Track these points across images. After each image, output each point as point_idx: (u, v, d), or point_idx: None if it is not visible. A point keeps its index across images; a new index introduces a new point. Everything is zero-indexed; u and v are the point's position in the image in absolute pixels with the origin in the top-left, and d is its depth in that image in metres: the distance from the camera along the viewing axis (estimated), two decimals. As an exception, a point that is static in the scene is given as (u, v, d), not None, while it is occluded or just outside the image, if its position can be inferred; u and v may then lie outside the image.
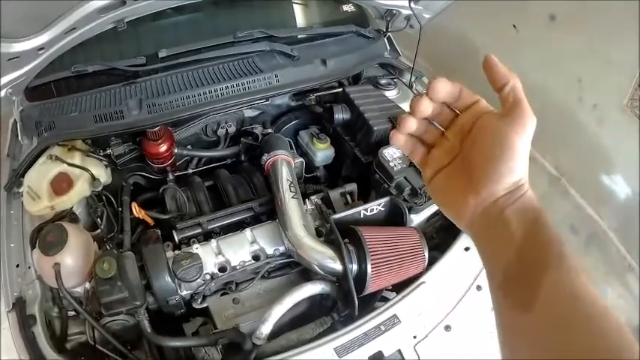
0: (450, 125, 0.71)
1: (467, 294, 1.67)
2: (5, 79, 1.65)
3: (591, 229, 2.78)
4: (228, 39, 1.95)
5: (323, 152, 1.98)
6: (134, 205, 1.67)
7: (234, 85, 1.82)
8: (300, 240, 1.61)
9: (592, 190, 2.68)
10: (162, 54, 1.86)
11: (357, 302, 1.54)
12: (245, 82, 1.83)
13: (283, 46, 1.98)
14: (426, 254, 1.63)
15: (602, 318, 0.54)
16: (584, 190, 2.79)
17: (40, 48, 1.60)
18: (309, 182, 2.04)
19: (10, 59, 1.57)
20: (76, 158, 1.71)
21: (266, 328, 1.52)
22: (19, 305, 1.56)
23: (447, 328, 1.59)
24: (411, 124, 0.70)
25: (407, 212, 1.72)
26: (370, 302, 1.70)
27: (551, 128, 2.82)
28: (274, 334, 1.58)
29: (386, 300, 1.68)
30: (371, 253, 1.55)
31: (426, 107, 0.67)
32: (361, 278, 1.57)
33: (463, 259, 1.74)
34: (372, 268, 1.54)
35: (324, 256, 1.59)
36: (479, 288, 1.69)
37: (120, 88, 1.80)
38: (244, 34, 1.95)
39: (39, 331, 1.52)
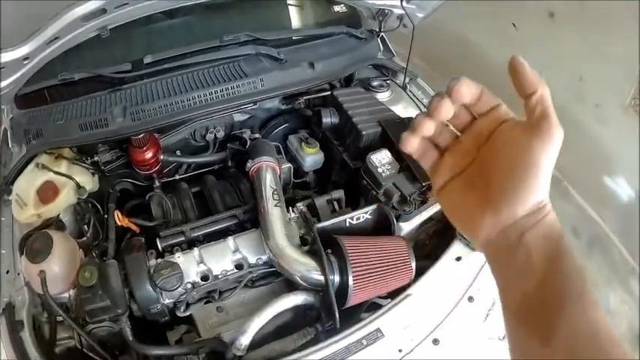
0: (467, 129, 0.65)
1: (457, 306, 1.62)
2: None
3: (593, 232, 2.70)
4: (215, 43, 1.91)
5: (312, 157, 1.94)
6: (117, 213, 1.67)
7: (219, 91, 1.79)
8: (282, 250, 1.58)
9: (594, 192, 2.60)
10: (147, 60, 1.84)
11: (337, 315, 1.51)
12: (229, 87, 1.80)
13: (270, 49, 1.94)
14: (413, 265, 1.58)
15: (618, 356, 0.52)
16: (585, 192, 2.71)
17: (25, 58, 1.61)
18: (298, 188, 2.01)
19: None
20: (62, 166, 1.72)
21: (245, 339, 1.50)
22: (9, 311, 1.58)
23: (435, 341, 1.54)
24: (429, 128, 0.62)
25: (394, 221, 1.67)
26: (356, 313, 1.66)
27: None
28: (258, 343, 1.56)
29: (379, 307, 1.63)
30: (352, 265, 1.51)
31: (448, 110, 0.61)
32: (343, 290, 1.54)
33: (454, 270, 1.68)
34: (353, 279, 1.50)
35: (305, 267, 1.56)
36: (470, 299, 1.64)
37: (105, 95, 1.79)
38: (230, 37, 1.91)
39: (26, 336, 1.53)
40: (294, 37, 2.06)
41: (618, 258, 2.59)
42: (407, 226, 1.78)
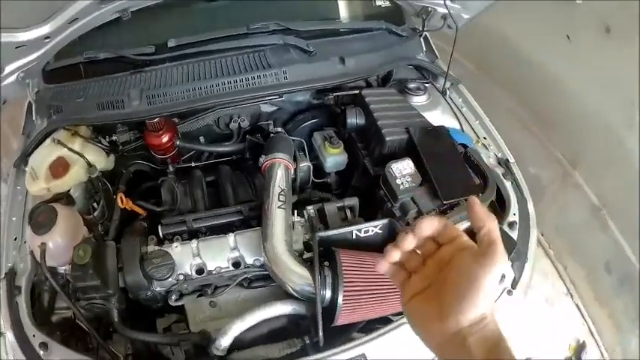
0: (432, 256, 0.78)
1: None
2: (16, 64, 1.71)
3: (626, 270, 2.42)
4: (242, 30, 1.83)
5: (334, 157, 1.81)
6: (120, 196, 1.64)
7: (239, 80, 1.71)
8: (277, 256, 1.49)
9: (632, 227, 2.29)
10: (171, 43, 1.79)
11: (321, 333, 1.40)
12: (250, 77, 1.72)
13: (298, 40, 1.82)
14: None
15: None
16: (624, 225, 2.42)
17: (46, 37, 1.64)
18: (318, 188, 1.89)
19: (17, 47, 1.62)
20: (76, 144, 1.71)
21: (225, 341, 1.44)
22: (10, 276, 1.62)
23: None
24: (395, 256, 0.79)
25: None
26: (348, 332, 1.54)
27: (597, 153, 2.49)
28: (248, 343, 1.50)
29: (389, 322, 1.50)
30: (345, 283, 1.39)
31: (410, 244, 0.78)
32: (332, 308, 1.42)
33: None
34: (343, 299, 1.38)
35: (298, 277, 1.46)
36: None
37: (127, 76, 1.77)
38: (258, 25, 1.82)
39: (22, 301, 1.56)
40: (327, 30, 1.92)
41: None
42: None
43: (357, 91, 1.86)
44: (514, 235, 1.68)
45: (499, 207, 1.76)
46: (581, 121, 2.50)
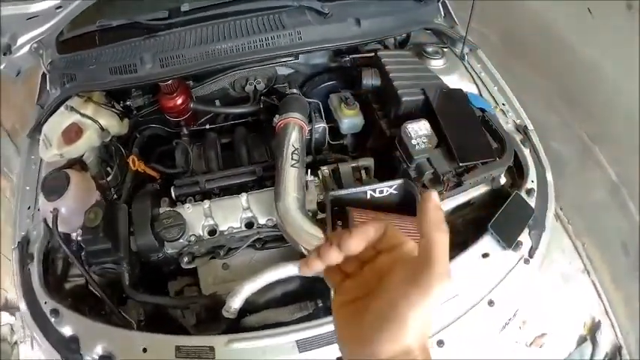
0: (370, 261, 0.61)
1: (474, 308, 1.34)
2: (28, 35, 1.63)
3: None
4: (256, -7, 1.72)
5: (350, 119, 1.67)
6: (132, 158, 1.54)
7: (252, 42, 1.60)
8: (289, 214, 1.38)
9: None
10: (184, 7, 1.69)
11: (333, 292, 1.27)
12: (264, 38, 1.60)
13: (312, 2, 1.69)
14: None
15: None
16: None
17: (58, 7, 1.57)
18: (334, 150, 1.76)
19: (29, 18, 1.56)
20: (89, 109, 1.61)
21: (235, 303, 1.31)
22: (23, 244, 1.55)
23: (440, 343, 1.29)
24: (316, 268, 0.62)
25: (420, 200, 1.38)
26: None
27: (619, 130, 2.28)
28: (261, 306, 1.40)
29: None
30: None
31: (335, 258, 0.60)
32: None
33: (478, 267, 1.40)
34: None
35: (310, 237, 1.34)
36: (491, 303, 1.35)
37: (139, 41, 1.65)
38: (273, -13, 1.70)
39: (34, 269, 1.48)
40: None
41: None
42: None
43: (373, 54, 1.74)
44: (532, 202, 1.54)
45: (517, 173, 1.63)
46: (604, 99, 2.33)
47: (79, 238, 1.46)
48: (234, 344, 1.27)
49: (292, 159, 1.47)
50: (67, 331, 1.35)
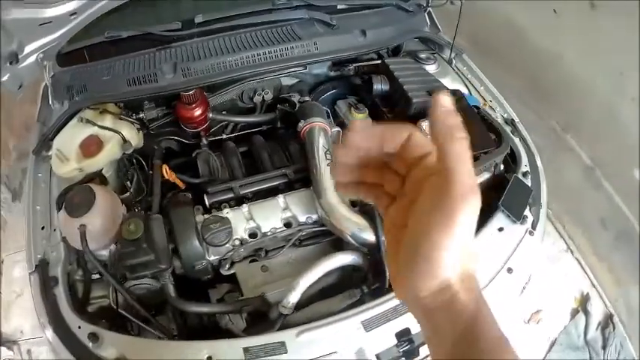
0: (407, 175, 0.51)
1: (496, 277, 1.47)
2: (37, 43, 1.56)
3: (622, 226, 2.49)
4: (267, 6, 1.77)
5: (360, 123, 1.77)
6: (165, 168, 1.50)
7: (272, 52, 1.65)
8: (334, 208, 1.43)
9: (626, 186, 2.39)
10: (198, 19, 1.70)
11: (387, 275, 1.34)
12: (283, 48, 1.66)
13: (323, 15, 1.79)
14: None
15: None
16: (617, 185, 2.50)
17: (72, 13, 1.53)
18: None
19: (41, 24, 1.50)
20: (108, 121, 1.55)
21: (293, 297, 1.33)
22: (42, 267, 1.42)
23: None
24: (345, 155, 0.52)
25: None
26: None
27: (589, 118, 2.56)
28: (302, 304, 1.40)
29: None
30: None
31: (343, 155, 0.51)
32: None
33: (496, 240, 1.54)
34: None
35: (356, 226, 1.41)
36: (509, 271, 1.49)
37: (154, 52, 1.64)
38: (283, 0, 1.77)
39: (60, 292, 1.37)
40: (343, 6, 1.90)
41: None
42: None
43: (377, 62, 1.86)
44: (528, 182, 1.72)
45: (510, 160, 1.81)
46: (572, 91, 2.57)
47: (115, 254, 1.39)
48: (304, 335, 1.27)
49: (326, 159, 1.53)
50: (110, 354, 1.25)
